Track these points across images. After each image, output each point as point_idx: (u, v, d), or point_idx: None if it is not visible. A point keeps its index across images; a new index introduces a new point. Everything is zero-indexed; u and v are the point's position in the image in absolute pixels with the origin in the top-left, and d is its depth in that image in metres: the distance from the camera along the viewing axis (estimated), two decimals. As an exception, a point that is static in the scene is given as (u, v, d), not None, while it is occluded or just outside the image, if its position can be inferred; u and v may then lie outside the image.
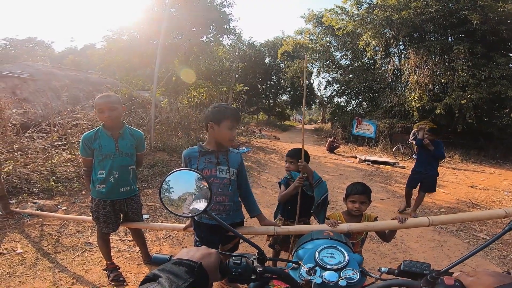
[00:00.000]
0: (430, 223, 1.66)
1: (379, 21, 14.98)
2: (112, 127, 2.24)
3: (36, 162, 4.92)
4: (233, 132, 1.74)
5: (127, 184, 2.31)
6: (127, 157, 2.28)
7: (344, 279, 0.77)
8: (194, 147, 1.85)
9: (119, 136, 2.25)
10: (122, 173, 2.26)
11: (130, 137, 2.31)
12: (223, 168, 1.79)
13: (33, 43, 35.16)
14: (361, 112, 19.19)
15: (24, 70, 9.50)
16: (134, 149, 2.34)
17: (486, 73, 12.22)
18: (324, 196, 2.11)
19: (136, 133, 2.38)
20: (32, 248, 2.86)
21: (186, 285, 0.57)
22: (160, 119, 9.00)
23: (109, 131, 2.22)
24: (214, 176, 1.77)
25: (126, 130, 2.30)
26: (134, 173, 2.38)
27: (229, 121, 1.71)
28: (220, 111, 1.73)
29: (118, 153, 2.23)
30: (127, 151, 2.28)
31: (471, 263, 3.08)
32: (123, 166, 2.26)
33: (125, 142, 2.27)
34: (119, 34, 9.34)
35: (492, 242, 0.72)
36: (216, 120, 1.72)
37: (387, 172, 8.55)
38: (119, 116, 2.23)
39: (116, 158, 2.22)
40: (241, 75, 20.69)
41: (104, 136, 2.21)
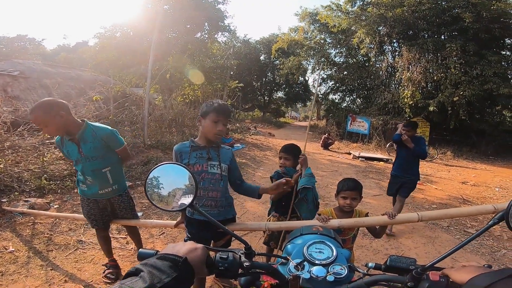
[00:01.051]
0: (419, 219, 1.68)
1: (373, 19, 15.05)
2: (63, 134, 2.03)
3: (28, 160, 4.86)
4: (218, 126, 1.70)
5: (107, 186, 2.19)
6: (95, 161, 2.09)
7: (332, 274, 0.77)
8: (185, 142, 1.83)
9: (80, 140, 2.04)
10: (96, 177, 2.13)
11: (93, 138, 2.06)
12: (214, 163, 1.79)
13: (24, 41, 34.58)
14: (355, 109, 19.30)
15: (15, 67, 9.33)
16: (104, 150, 2.12)
17: (478, 70, 12.39)
18: (306, 186, 2.07)
19: (100, 132, 2.09)
20: (24, 246, 2.83)
21: (169, 280, 0.56)
22: (154, 116, 8.93)
23: (68, 136, 2.03)
24: (205, 171, 1.77)
25: (87, 132, 2.05)
26: (114, 174, 2.22)
27: (214, 114, 1.70)
28: (206, 105, 1.75)
29: (84, 158, 2.06)
30: (94, 154, 2.07)
31: (462, 259, 3.13)
32: (94, 170, 2.11)
33: (88, 146, 2.05)
34: (112, 31, 9.24)
35: (475, 237, 0.73)
36: (203, 114, 1.76)
37: (381, 169, 8.63)
38: (60, 125, 1.94)
39: (85, 163, 2.08)
40: (236, 72, 20.64)
41: (67, 142, 2.06)
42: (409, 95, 14.02)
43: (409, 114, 14.23)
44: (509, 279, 0.55)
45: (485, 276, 0.58)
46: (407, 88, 14.32)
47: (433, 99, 13.16)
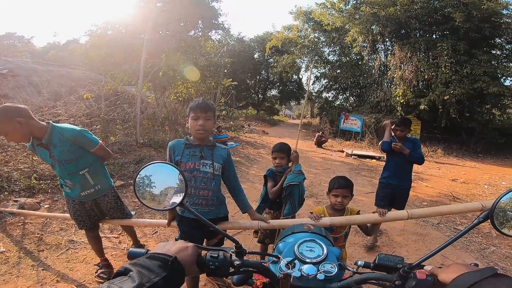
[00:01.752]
0: (409, 216, 1.71)
1: (366, 17, 15.16)
2: (27, 140, 1.93)
3: (17, 160, 4.77)
4: (199, 121, 1.72)
5: (88, 187, 2.11)
6: (69, 164, 1.98)
7: (322, 272, 0.78)
8: (181, 139, 1.85)
9: (49, 144, 1.92)
10: (75, 180, 2.05)
11: (61, 142, 1.93)
12: (207, 162, 1.80)
13: (13, 39, 33.84)
14: (348, 107, 19.46)
15: (4, 65, 9.14)
16: (77, 152, 2.00)
17: (468, 69, 12.60)
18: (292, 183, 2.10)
19: (67, 134, 1.95)
20: (14, 246, 2.79)
21: (159, 279, 0.56)
22: (146, 114, 8.85)
23: (36, 141, 1.93)
24: (197, 169, 1.78)
25: (53, 136, 1.91)
26: (94, 174, 2.12)
27: (192, 112, 1.75)
28: (189, 107, 1.80)
29: (57, 162, 1.96)
30: (66, 158, 1.96)
31: (452, 256, 3.19)
32: (70, 173, 2.02)
33: (58, 149, 1.93)
34: (104, 29, 9.09)
35: (462, 235, 0.74)
36: (187, 115, 1.81)
37: (373, 166, 8.72)
38: (21, 132, 1.82)
39: (60, 168, 1.99)
40: (230, 70, 20.56)
41: (38, 147, 1.96)
42: (401, 93, 14.19)
43: (400, 112, 14.40)
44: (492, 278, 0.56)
45: (469, 275, 0.59)
46: (399, 86, 14.48)
47: (424, 97, 13.34)
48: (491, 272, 0.57)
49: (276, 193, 2.28)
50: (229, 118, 19.50)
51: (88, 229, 2.34)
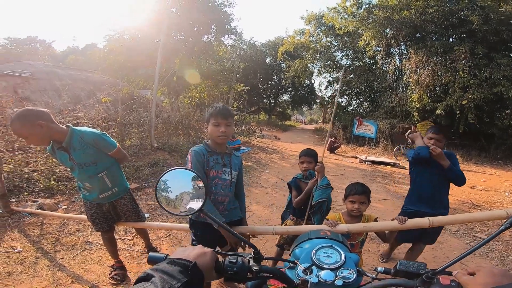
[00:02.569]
0: (430, 224, 1.66)
1: (379, 21, 14.98)
2: (48, 143, 1.97)
3: (37, 161, 4.93)
4: (220, 128, 1.74)
5: (106, 190, 2.16)
6: (88, 167, 2.02)
7: (340, 278, 0.77)
8: (200, 146, 1.83)
9: (69, 148, 1.96)
10: (94, 182, 2.09)
11: (81, 145, 1.96)
12: (227, 170, 1.84)
13: (34, 42, 35.27)
14: (362, 112, 19.19)
15: (26, 69, 9.53)
16: (96, 155, 2.03)
17: (487, 73, 12.20)
18: (321, 200, 2.11)
19: (87, 137, 1.98)
20: (32, 246, 2.87)
21: (180, 285, 0.56)
22: (160, 118, 9.01)
23: (56, 144, 1.96)
24: (219, 177, 1.81)
25: (74, 139, 1.95)
26: (112, 177, 2.17)
27: (213, 118, 1.76)
28: (208, 111, 1.81)
29: (77, 165, 1.99)
30: (86, 161, 2.00)
31: (471, 263, 3.07)
32: (90, 176, 2.06)
33: (78, 152, 1.97)
34: (121, 33, 9.35)
35: (487, 242, 0.71)
36: (206, 120, 1.82)
37: (388, 173, 8.54)
38: (42, 135, 1.84)
39: (79, 170, 2.02)
40: (242, 75, 20.72)
41: (57, 150, 1.99)
42: (417, 98, 13.87)
43: (416, 117, 14.07)
44: None
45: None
46: (415, 91, 14.17)
47: (441, 102, 13.00)
48: None
49: (299, 203, 2.31)
50: (241, 123, 19.59)
51: (104, 231, 2.38)
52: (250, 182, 6.07)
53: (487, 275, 0.60)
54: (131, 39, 9.31)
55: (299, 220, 2.40)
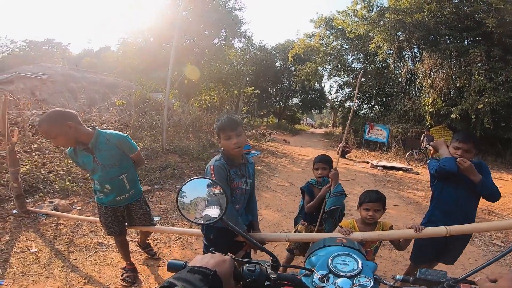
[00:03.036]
0: (448, 233, 1.61)
1: (391, 24, 14.81)
2: (74, 145, 2.00)
3: (53, 162, 5.06)
4: (232, 140, 1.74)
5: (124, 192, 2.21)
6: (111, 168, 2.08)
7: (357, 286, 0.76)
8: (220, 160, 1.81)
9: (94, 149, 2.01)
10: (114, 184, 2.14)
11: (107, 146, 2.03)
12: (244, 179, 1.87)
13: (51, 45, 36.29)
14: (373, 116, 18.95)
15: (44, 71, 9.83)
16: (119, 157, 2.10)
17: (504, 77, 11.89)
18: (334, 208, 2.09)
19: (114, 139, 2.06)
20: (46, 247, 2.92)
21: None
22: (172, 121, 9.12)
23: (81, 146, 2.00)
24: (239, 187, 1.84)
25: (100, 140, 2.01)
26: (131, 179, 2.23)
27: (222, 132, 1.76)
28: (216, 127, 1.81)
29: (101, 166, 2.04)
30: (109, 162, 2.06)
31: (487, 271, 2.98)
32: (111, 178, 2.11)
33: (103, 153, 2.02)
34: (134, 37, 9.55)
35: None
36: (217, 135, 1.83)
37: (400, 178, 8.38)
38: (69, 136, 1.89)
39: (101, 172, 2.06)
40: (252, 78, 20.83)
41: (81, 152, 2.02)
42: (430, 102, 13.61)
43: (430, 122, 13.80)
44: None
45: None
46: (429, 95, 13.91)
47: (456, 106, 12.71)
48: None
49: (312, 208, 2.31)
50: (250, 127, 19.65)
51: (117, 235, 2.40)
52: (260, 186, 6.05)
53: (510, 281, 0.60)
54: (143, 42, 9.49)
55: (310, 225, 2.39)
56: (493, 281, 0.63)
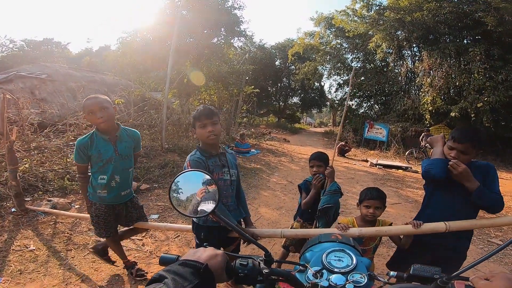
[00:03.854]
0: (447, 229, 1.60)
1: (390, 23, 14.80)
2: (107, 130, 2.11)
3: (52, 161, 5.06)
4: (207, 128, 1.73)
5: (127, 187, 2.28)
6: (127, 160, 2.20)
7: (351, 282, 0.76)
8: (196, 153, 1.81)
9: (117, 139, 2.15)
10: (124, 176, 2.21)
11: (128, 138, 2.22)
12: (225, 170, 1.85)
13: (50, 44, 36.15)
14: (373, 115, 18.95)
15: (43, 71, 9.82)
16: (131, 151, 2.26)
17: (503, 75, 11.88)
18: (327, 206, 2.06)
19: (134, 134, 2.29)
20: (44, 245, 2.92)
21: (191, 286, 0.57)
22: (171, 120, 9.11)
23: (105, 135, 2.11)
24: (221, 178, 1.82)
25: (122, 132, 2.21)
26: (132, 176, 2.33)
27: (197, 121, 1.77)
28: (192, 117, 1.83)
29: (119, 156, 2.14)
30: (127, 153, 2.20)
31: (484, 268, 2.99)
32: (124, 169, 2.20)
33: (123, 144, 2.17)
34: (133, 36, 9.53)
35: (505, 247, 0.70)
36: (192, 126, 1.84)
37: (399, 177, 8.39)
38: (112, 116, 2.10)
39: (118, 162, 2.14)
40: (251, 77, 20.81)
41: (101, 141, 2.09)
42: (430, 101, 13.61)
43: (429, 121, 13.81)
44: None
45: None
46: (428, 93, 13.91)
47: (456, 105, 12.72)
48: None
49: (307, 204, 2.29)
50: (250, 125, 19.64)
51: (111, 237, 2.38)
52: (259, 185, 6.06)
53: (503, 280, 0.60)
54: (142, 41, 9.47)
55: (305, 223, 2.38)
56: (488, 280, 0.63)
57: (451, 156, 1.65)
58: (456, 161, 1.60)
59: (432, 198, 1.83)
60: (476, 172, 1.66)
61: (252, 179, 6.45)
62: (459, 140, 1.63)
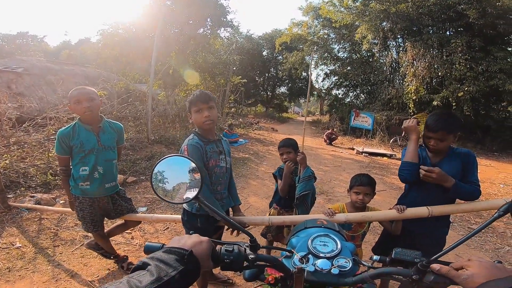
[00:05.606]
0: (429, 213, 1.65)
1: (375, 14, 14.89)
2: (91, 120, 2.11)
3: (33, 156, 4.91)
4: (203, 113, 1.69)
5: (112, 179, 2.25)
6: (109, 151, 2.19)
7: (336, 267, 0.78)
8: (193, 137, 1.76)
9: (100, 130, 2.15)
10: (107, 168, 2.18)
11: (110, 130, 2.23)
12: (222, 157, 1.81)
13: (26, 38, 34.69)
14: (359, 104, 19.21)
15: (19, 64, 9.42)
16: (115, 143, 2.25)
17: (484, 66, 12.26)
18: (304, 193, 2.06)
19: (116, 126, 2.30)
20: (30, 242, 2.87)
21: (175, 273, 0.57)
22: (157, 111, 8.96)
23: (88, 125, 2.10)
24: (218, 165, 1.78)
25: (105, 124, 2.21)
26: (116, 169, 2.31)
27: (193, 106, 1.72)
28: (187, 101, 1.79)
29: (102, 147, 2.14)
30: (110, 144, 2.19)
31: (466, 255, 3.12)
32: (107, 160, 2.17)
33: (106, 135, 2.17)
34: (115, 28, 9.22)
35: (481, 230, 0.73)
36: (188, 110, 1.79)
37: (384, 164, 8.60)
38: (98, 108, 2.11)
39: (100, 153, 2.13)
40: (239, 68, 20.59)
41: (83, 131, 2.08)
42: (413, 90, 13.91)
43: (413, 109, 14.14)
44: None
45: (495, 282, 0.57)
46: (412, 83, 14.20)
47: (438, 94, 13.06)
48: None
49: (284, 191, 2.28)
50: (238, 115, 19.55)
51: (101, 229, 2.35)
52: (248, 174, 6.08)
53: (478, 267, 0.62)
54: (125, 33, 9.19)
55: (282, 210, 2.38)
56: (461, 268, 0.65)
57: (431, 145, 1.69)
58: (428, 169, 1.59)
59: (408, 194, 1.90)
60: (456, 159, 1.71)
61: (240, 168, 6.47)
62: (433, 129, 1.65)
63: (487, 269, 0.61)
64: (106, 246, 2.47)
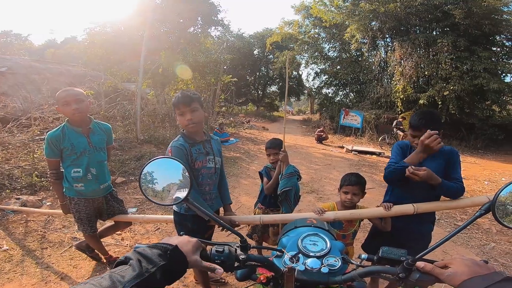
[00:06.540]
0: (415, 210, 1.70)
1: (365, 14, 15.09)
2: (80, 122, 2.09)
3: (18, 157, 4.78)
4: (186, 116, 1.67)
5: (106, 180, 2.26)
6: (101, 152, 2.19)
7: (326, 266, 0.80)
8: (179, 139, 1.75)
9: (90, 131, 2.14)
10: (100, 169, 2.18)
11: (100, 131, 2.22)
12: (210, 157, 1.81)
13: (9, 37, 33.74)
14: (348, 103, 19.42)
15: (2, 63, 9.13)
16: (105, 144, 2.26)
17: (469, 66, 12.58)
18: (286, 189, 2.06)
19: (105, 127, 2.29)
20: (17, 245, 2.81)
21: (155, 269, 0.57)
22: (146, 111, 8.85)
23: (78, 127, 2.08)
24: (205, 166, 1.77)
25: (94, 125, 2.20)
26: (107, 169, 2.32)
27: (176, 109, 1.71)
28: (172, 104, 1.79)
29: (93, 148, 2.13)
30: (101, 145, 2.19)
31: (452, 252, 3.20)
32: (99, 161, 2.18)
33: (96, 137, 2.17)
34: (102, 26, 9.04)
35: (463, 229, 0.74)
36: (174, 112, 1.79)
37: (373, 162, 8.73)
38: (86, 109, 2.09)
39: (92, 155, 2.11)
40: (229, 67, 20.49)
41: (73, 134, 2.06)
42: (401, 89, 14.18)
43: (400, 108, 14.41)
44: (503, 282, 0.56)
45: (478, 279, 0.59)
46: (399, 82, 14.46)
47: (424, 93, 13.35)
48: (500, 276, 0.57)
49: (270, 189, 2.29)
50: (229, 114, 19.49)
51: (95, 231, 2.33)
52: (239, 173, 6.08)
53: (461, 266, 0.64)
54: (113, 31, 9.03)
55: (267, 209, 2.40)
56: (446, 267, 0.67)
57: (415, 144, 1.70)
58: (417, 169, 1.56)
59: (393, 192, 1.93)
60: (440, 156, 1.72)
61: (231, 167, 6.46)
62: (417, 128, 1.70)
63: (470, 267, 0.63)
64: (99, 247, 2.45)
